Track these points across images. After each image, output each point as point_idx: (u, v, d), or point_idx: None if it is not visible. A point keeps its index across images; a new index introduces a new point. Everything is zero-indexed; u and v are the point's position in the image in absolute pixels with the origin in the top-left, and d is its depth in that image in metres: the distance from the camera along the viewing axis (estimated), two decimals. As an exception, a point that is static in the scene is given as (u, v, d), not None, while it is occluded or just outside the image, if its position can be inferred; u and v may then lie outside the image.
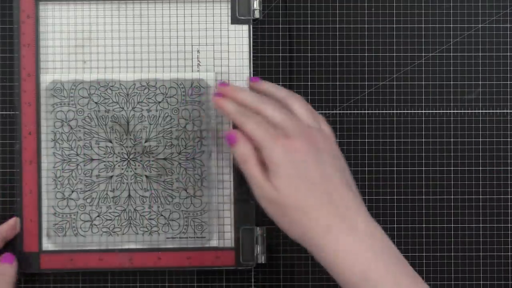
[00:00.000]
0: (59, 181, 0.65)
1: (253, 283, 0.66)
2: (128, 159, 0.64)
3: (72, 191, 0.65)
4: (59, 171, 0.65)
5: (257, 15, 0.66)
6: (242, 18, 0.66)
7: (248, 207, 0.65)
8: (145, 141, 0.63)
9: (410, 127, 0.67)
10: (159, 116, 0.65)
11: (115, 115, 0.64)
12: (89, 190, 0.65)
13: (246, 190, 0.64)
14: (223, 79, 0.65)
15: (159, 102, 0.65)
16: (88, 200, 0.65)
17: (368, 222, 0.51)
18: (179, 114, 0.64)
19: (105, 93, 0.65)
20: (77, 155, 0.65)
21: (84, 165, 0.65)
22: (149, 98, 0.65)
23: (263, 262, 0.65)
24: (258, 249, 0.65)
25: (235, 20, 0.66)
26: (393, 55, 0.66)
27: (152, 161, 0.64)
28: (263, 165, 0.53)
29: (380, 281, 0.49)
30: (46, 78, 0.65)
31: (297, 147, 0.52)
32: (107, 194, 0.65)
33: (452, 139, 0.67)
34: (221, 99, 0.56)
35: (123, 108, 0.65)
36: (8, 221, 0.64)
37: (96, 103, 0.65)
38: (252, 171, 0.53)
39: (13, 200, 0.66)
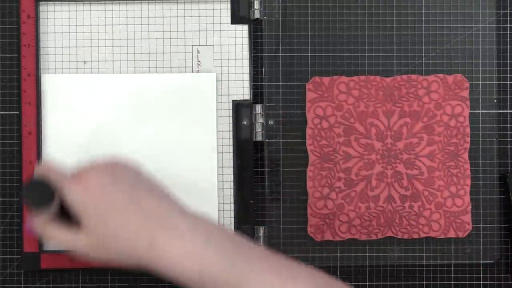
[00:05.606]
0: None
1: (253, 283, 0.66)
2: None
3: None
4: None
5: (257, 15, 0.66)
6: (242, 18, 0.66)
7: (248, 207, 0.65)
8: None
9: (410, 127, 0.67)
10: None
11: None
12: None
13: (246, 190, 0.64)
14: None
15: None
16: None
17: (188, 219, 0.52)
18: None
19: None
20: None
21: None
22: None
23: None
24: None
25: (235, 20, 0.66)
26: (393, 55, 0.66)
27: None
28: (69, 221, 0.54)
29: (218, 270, 0.50)
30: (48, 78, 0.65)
31: (91, 182, 0.52)
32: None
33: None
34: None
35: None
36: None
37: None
38: (63, 237, 0.53)
39: (13, 200, 0.66)
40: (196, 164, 0.65)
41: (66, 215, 0.55)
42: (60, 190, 0.53)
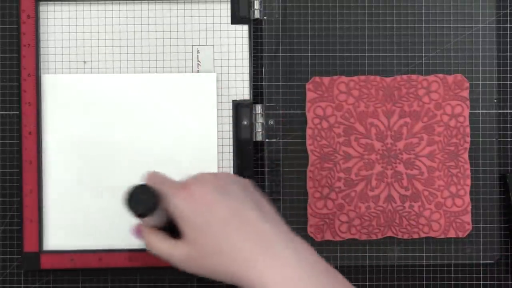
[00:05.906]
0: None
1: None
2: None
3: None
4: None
5: (257, 15, 0.66)
6: (242, 18, 0.66)
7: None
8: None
9: (410, 127, 0.67)
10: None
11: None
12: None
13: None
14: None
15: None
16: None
17: (293, 247, 0.50)
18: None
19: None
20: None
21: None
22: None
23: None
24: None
25: (235, 20, 0.66)
26: (393, 55, 0.66)
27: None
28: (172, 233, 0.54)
29: None
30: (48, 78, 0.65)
31: (197, 192, 0.51)
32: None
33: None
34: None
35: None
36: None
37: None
38: (162, 247, 0.53)
39: (13, 200, 0.66)
40: (196, 164, 0.65)
41: (167, 223, 0.54)
42: (164, 197, 0.51)
